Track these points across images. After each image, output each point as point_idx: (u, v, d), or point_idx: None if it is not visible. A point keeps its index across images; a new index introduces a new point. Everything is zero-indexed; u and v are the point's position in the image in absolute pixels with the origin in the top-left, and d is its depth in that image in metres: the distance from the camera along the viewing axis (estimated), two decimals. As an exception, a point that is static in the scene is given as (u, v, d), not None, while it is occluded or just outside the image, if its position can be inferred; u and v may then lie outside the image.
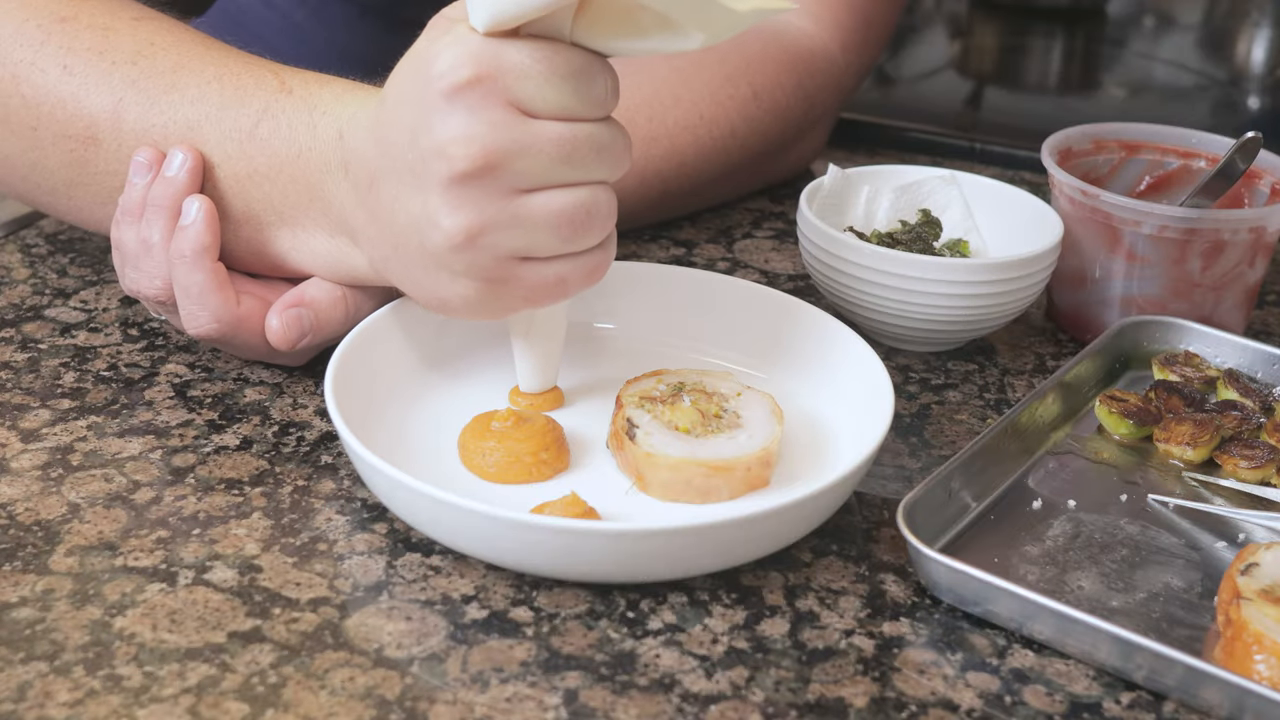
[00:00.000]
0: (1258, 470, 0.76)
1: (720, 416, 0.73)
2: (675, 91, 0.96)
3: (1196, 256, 0.86)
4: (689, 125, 0.96)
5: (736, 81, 0.98)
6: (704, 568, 0.66)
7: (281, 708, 0.59)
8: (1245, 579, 0.64)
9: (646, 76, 0.96)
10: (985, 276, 0.83)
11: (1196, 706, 0.61)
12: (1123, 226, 0.86)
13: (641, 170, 0.94)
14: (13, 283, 0.90)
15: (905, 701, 0.61)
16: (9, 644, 0.61)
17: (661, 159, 0.95)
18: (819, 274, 0.87)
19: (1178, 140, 0.95)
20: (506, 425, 0.73)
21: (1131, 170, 0.95)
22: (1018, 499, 0.74)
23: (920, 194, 0.93)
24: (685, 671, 0.62)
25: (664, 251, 0.98)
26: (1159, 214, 0.85)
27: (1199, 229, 0.84)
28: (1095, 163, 0.94)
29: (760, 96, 0.99)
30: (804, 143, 1.06)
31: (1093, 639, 0.62)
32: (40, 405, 0.78)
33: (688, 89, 0.96)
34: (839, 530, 0.71)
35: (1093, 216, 0.87)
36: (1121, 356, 0.85)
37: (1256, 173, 0.91)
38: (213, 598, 0.65)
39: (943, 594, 0.66)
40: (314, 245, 0.76)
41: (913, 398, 0.83)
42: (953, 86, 1.49)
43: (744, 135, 0.99)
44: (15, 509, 0.70)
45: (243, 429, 0.77)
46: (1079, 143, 0.94)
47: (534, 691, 0.60)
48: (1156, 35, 1.69)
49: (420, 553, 0.68)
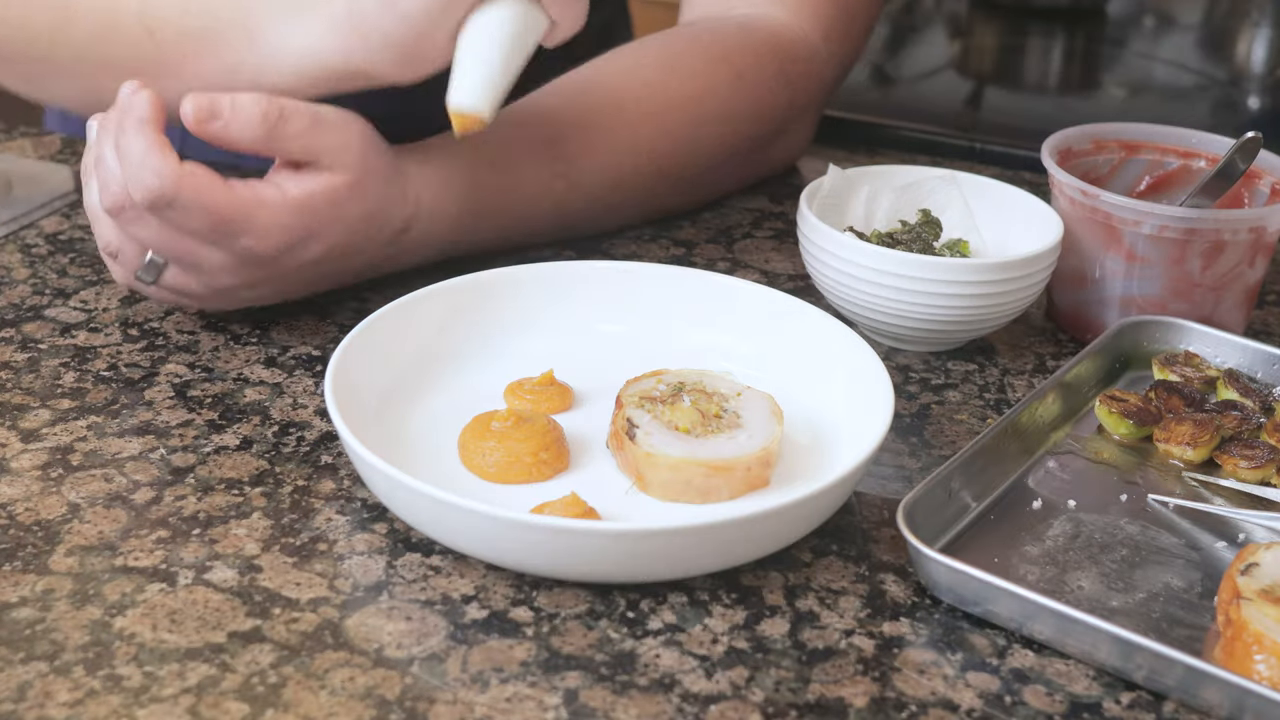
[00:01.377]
0: (1258, 470, 0.76)
1: (720, 416, 0.73)
2: (662, 75, 0.97)
3: (1196, 256, 0.85)
4: (678, 104, 0.96)
5: (719, 64, 0.99)
6: (704, 568, 0.66)
7: (281, 708, 0.59)
8: (1245, 579, 0.64)
9: (633, 60, 0.97)
10: (985, 276, 0.83)
11: (1196, 706, 0.61)
12: (1123, 226, 0.86)
13: (634, 148, 0.94)
14: (13, 283, 0.90)
15: (905, 701, 0.61)
16: (9, 644, 0.61)
17: (653, 138, 0.96)
18: (819, 274, 0.87)
19: (1178, 140, 0.95)
20: (506, 425, 0.73)
21: (1131, 170, 0.95)
22: (1018, 499, 0.74)
23: (920, 194, 0.93)
24: (685, 671, 0.62)
25: (664, 251, 0.98)
26: (1159, 214, 0.85)
27: (1199, 229, 0.84)
28: (1095, 162, 0.94)
29: (744, 77, 0.99)
30: (790, 136, 1.06)
31: (1093, 639, 0.62)
32: (40, 405, 0.78)
33: (674, 71, 0.97)
34: (839, 530, 0.71)
35: (1093, 216, 0.87)
36: (1121, 356, 0.85)
37: (1257, 173, 0.91)
38: (213, 598, 0.65)
39: (943, 594, 0.66)
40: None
41: (913, 398, 0.83)
42: (953, 86, 1.49)
43: (731, 115, 0.99)
44: (15, 509, 0.70)
45: (243, 429, 0.77)
46: (1079, 142, 0.94)
47: (534, 691, 0.60)
48: (1156, 35, 1.69)
49: (420, 553, 0.68)
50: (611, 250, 0.98)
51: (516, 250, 0.94)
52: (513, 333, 0.82)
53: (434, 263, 0.90)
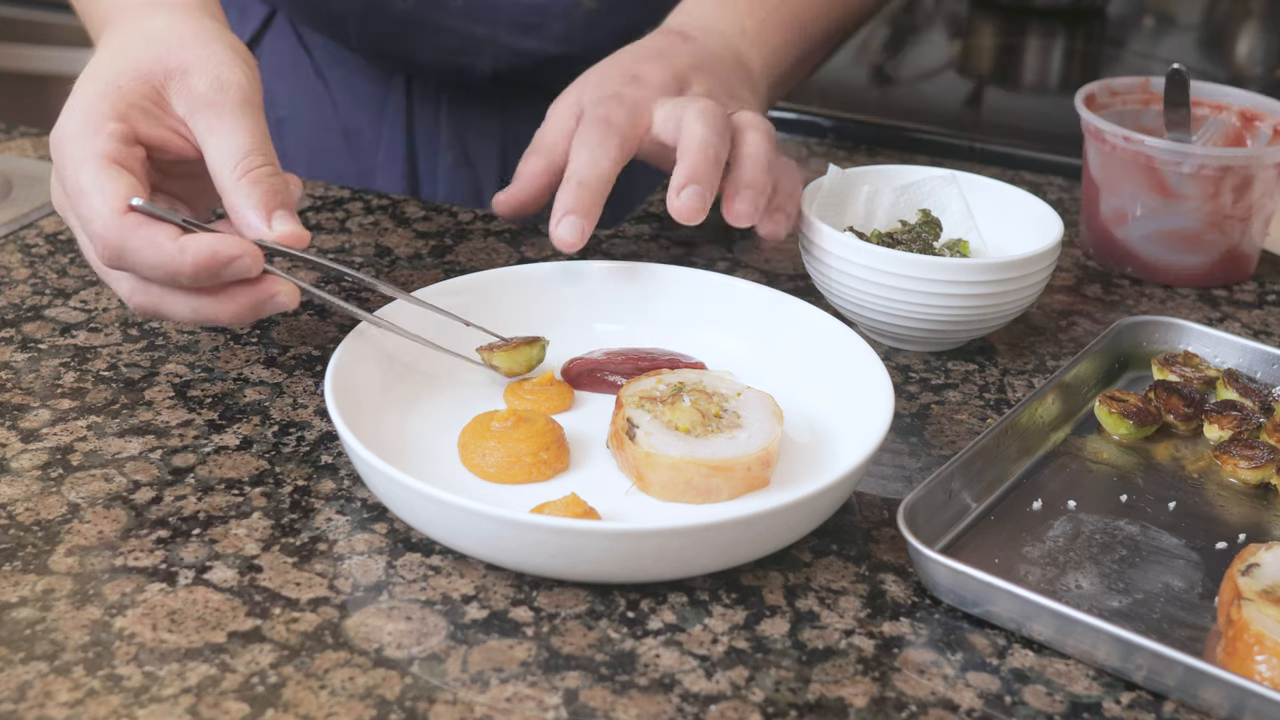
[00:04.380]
0: (1258, 470, 0.76)
1: (720, 416, 0.73)
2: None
3: (1229, 190, 0.95)
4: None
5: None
6: (704, 568, 0.66)
7: (281, 708, 0.59)
8: (1246, 579, 0.64)
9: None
10: (985, 276, 0.83)
11: (1196, 707, 0.61)
12: (1164, 168, 0.95)
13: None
14: (13, 283, 0.90)
15: (905, 701, 0.61)
16: (9, 644, 0.61)
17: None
18: (819, 274, 0.87)
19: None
20: (506, 425, 0.73)
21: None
22: (1018, 499, 0.74)
23: (920, 194, 0.93)
24: (685, 671, 0.62)
25: (664, 252, 0.98)
26: (1198, 154, 0.94)
27: (1233, 166, 0.94)
28: (1121, 113, 1.04)
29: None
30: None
31: (1093, 639, 0.62)
32: (40, 405, 0.78)
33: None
34: (839, 530, 0.71)
35: (1134, 160, 0.96)
36: (1121, 356, 0.85)
37: (1257, 115, 1.01)
38: (213, 598, 0.65)
39: (943, 594, 0.66)
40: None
41: (913, 398, 0.83)
42: (953, 86, 1.49)
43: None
44: (15, 509, 0.70)
45: (243, 429, 0.77)
46: (1101, 94, 1.03)
47: (534, 691, 0.60)
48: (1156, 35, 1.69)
49: (420, 553, 0.68)
50: (612, 250, 0.98)
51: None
52: (513, 332, 0.82)
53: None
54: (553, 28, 1.09)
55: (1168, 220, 0.96)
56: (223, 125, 0.75)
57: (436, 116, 1.19)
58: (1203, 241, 0.97)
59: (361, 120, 1.20)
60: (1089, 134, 0.99)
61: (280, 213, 0.74)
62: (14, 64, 2.11)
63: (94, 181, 0.72)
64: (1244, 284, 0.99)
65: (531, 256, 0.96)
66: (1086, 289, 0.97)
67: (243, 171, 0.74)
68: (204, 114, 0.75)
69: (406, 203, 1.04)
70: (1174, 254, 0.97)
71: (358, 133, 1.20)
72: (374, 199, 1.04)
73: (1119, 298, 0.97)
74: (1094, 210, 1.00)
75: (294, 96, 1.20)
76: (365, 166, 1.20)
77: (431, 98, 1.19)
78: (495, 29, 1.09)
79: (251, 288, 0.73)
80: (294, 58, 1.20)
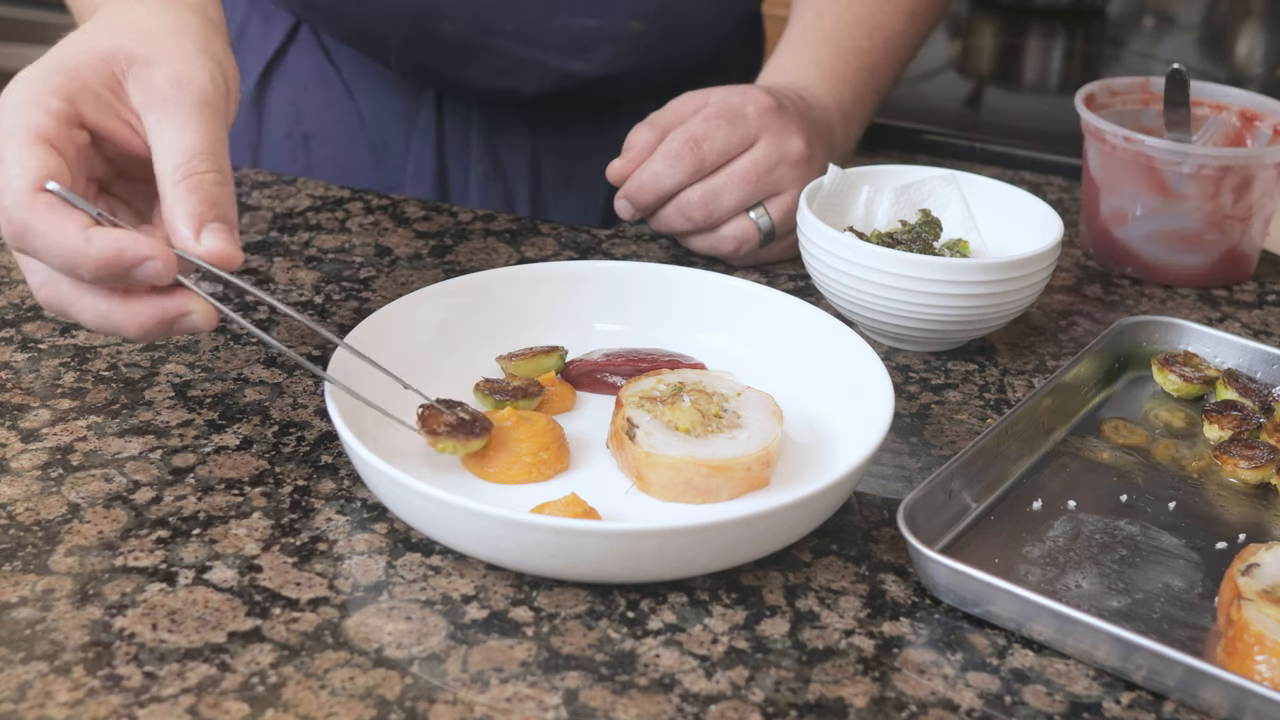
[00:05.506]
0: (1258, 470, 0.76)
1: (720, 416, 0.73)
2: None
3: (1229, 190, 0.95)
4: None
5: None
6: (704, 568, 0.66)
7: (281, 708, 0.59)
8: (1246, 579, 0.64)
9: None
10: (985, 276, 0.83)
11: (1196, 707, 0.61)
12: (1164, 168, 0.95)
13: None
14: (13, 283, 0.90)
15: (905, 701, 0.61)
16: (9, 644, 0.61)
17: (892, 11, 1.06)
18: (819, 274, 0.87)
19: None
20: (506, 425, 0.73)
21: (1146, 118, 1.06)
22: (1018, 499, 0.74)
23: (920, 194, 0.93)
24: (685, 671, 0.62)
25: (664, 251, 0.98)
26: (1198, 154, 0.94)
27: (1233, 166, 0.94)
28: (1120, 113, 1.04)
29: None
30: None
31: (1093, 639, 0.62)
32: (40, 405, 0.78)
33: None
34: (839, 530, 0.71)
35: (1134, 160, 0.96)
36: (1121, 356, 0.85)
37: (1257, 115, 1.01)
38: (213, 598, 0.65)
39: (943, 594, 0.66)
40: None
41: (913, 398, 0.83)
42: (953, 86, 1.49)
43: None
44: (15, 509, 0.70)
45: (243, 429, 0.77)
46: (1101, 94, 1.04)
47: (534, 691, 0.60)
48: (1156, 35, 1.69)
49: (420, 553, 0.68)
50: (611, 250, 0.98)
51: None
52: (513, 332, 0.82)
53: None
54: (601, 51, 1.08)
55: (1168, 220, 0.96)
56: (173, 123, 0.70)
57: (468, 130, 1.17)
58: (1203, 241, 0.97)
59: (390, 133, 1.18)
60: (1089, 134, 0.99)
61: (215, 226, 0.68)
62: (14, 64, 2.10)
63: (15, 155, 0.67)
64: (1244, 284, 0.99)
65: (531, 256, 0.97)
66: (1086, 289, 0.97)
67: (184, 175, 0.69)
68: (156, 109, 0.71)
69: (406, 202, 1.04)
70: (1174, 254, 0.97)
71: (385, 146, 1.18)
72: (374, 199, 1.04)
73: (1119, 298, 0.97)
74: (1094, 210, 1.00)
75: (320, 110, 1.19)
76: (393, 180, 1.18)
77: (463, 113, 1.17)
78: (545, 52, 1.08)
79: (161, 299, 0.69)
80: (320, 72, 1.18)
